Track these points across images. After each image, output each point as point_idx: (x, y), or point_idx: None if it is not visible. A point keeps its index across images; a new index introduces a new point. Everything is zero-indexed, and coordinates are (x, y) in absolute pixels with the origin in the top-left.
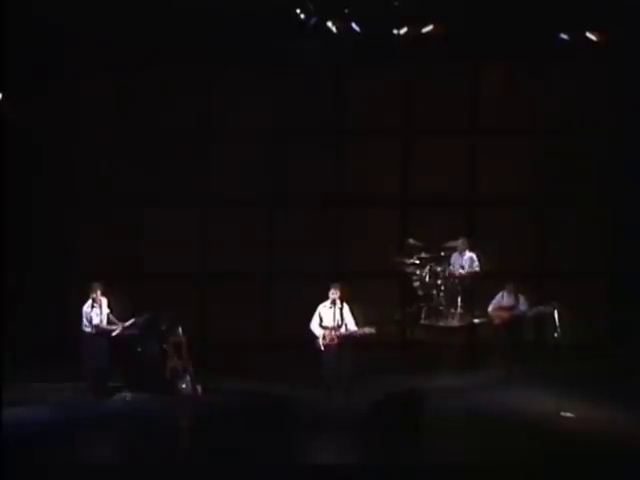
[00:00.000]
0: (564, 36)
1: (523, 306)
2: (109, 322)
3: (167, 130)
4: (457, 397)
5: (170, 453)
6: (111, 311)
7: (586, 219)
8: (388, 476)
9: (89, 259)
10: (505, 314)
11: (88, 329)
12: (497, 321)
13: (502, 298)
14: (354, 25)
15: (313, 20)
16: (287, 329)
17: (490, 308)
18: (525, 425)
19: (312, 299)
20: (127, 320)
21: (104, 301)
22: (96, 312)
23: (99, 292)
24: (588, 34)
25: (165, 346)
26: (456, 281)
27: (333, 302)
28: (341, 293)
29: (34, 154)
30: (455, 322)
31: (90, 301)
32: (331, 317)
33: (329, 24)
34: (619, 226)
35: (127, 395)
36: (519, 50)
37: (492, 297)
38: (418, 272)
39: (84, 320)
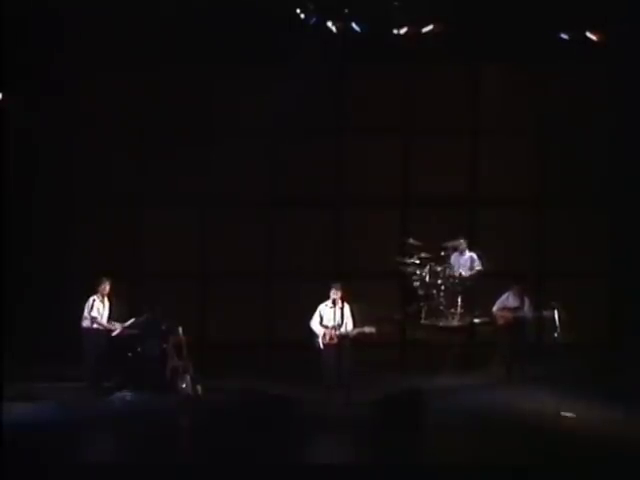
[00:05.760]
0: (564, 36)
1: (528, 308)
2: (109, 322)
3: (167, 130)
4: (457, 397)
5: (170, 453)
6: (111, 310)
7: (586, 219)
8: (388, 476)
9: (90, 259)
10: (509, 315)
11: (87, 324)
12: (500, 321)
13: (507, 299)
14: (354, 25)
15: (313, 20)
16: (287, 329)
17: (495, 308)
18: (525, 425)
19: (312, 299)
20: (127, 320)
21: (105, 300)
22: (98, 308)
23: (107, 287)
24: (588, 34)
25: (165, 346)
26: (456, 281)
27: (334, 302)
28: (342, 293)
29: (34, 154)
30: (455, 322)
31: (91, 301)
32: (332, 317)
33: (329, 24)
34: (619, 226)
35: (127, 395)
36: (519, 50)
37: (493, 297)
38: (418, 272)
39: (85, 313)
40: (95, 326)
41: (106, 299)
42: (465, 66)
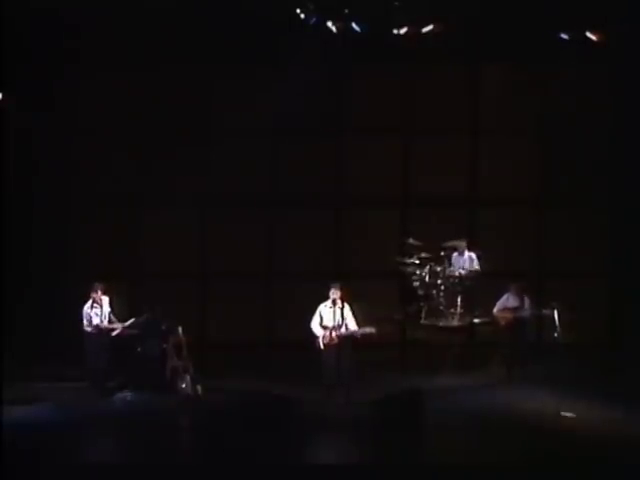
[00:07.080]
0: (564, 36)
1: (528, 308)
2: (110, 322)
3: (167, 130)
4: (457, 397)
5: (170, 453)
6: (112, 310)
7: (586, 219)
8: (388, 476)
9: (89, 259)
10: (510, 315)
11: (88, 329)
12: (502, 323)
13: (507, 299)
14: (354, 25)
15: (313, 20)
16: (287, 329)
17: (495, 310)
18: (525, 425)
19: (312, 299)
20: (127, 320)
21: (105, 300)
22: (96, 312)
23: (100, 292)
24: (588, 34)
25: (165, 346)
26: (456, 281)
27: (333, 302)
28: (341, 293)
29: (34, 154)
30: (455, 322)
31: (90, 301)
32: (331, 317)
33: (329, 24)
34: (619, 226)
35: (127, 395)
36: (519, 50)
37: (493, 297)
38: (418, 272)
39: (84, 320)
40: (95, 330)
41: (104, 300)
42: (465, 66)
